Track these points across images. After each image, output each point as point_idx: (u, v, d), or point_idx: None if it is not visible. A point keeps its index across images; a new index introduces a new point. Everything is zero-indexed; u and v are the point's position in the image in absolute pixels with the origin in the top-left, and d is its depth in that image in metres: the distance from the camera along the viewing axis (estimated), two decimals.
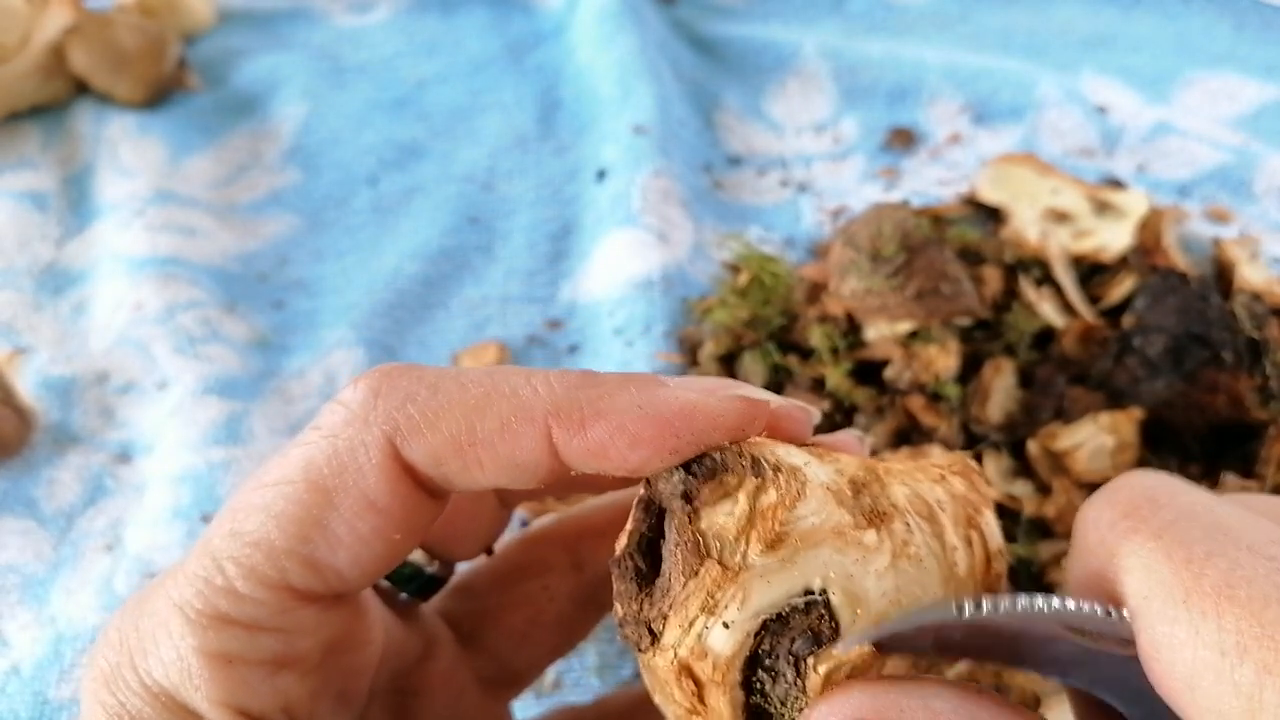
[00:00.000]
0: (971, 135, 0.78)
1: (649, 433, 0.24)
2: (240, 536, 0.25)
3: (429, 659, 0.33)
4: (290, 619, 0.26)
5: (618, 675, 0.49)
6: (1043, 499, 0.52)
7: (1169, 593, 0.21)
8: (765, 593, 0.24)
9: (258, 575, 0.25)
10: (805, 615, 0.24)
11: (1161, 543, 0.22)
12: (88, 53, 0.81)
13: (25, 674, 0.50)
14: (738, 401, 0.25)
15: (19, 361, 0.65)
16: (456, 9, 0.95)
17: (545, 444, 0.25)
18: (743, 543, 0.24)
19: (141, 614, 0.27)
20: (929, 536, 0.26)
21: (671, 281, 0.65)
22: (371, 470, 0.25)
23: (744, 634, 0.24)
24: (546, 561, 0.34)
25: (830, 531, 0.25)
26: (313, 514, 0.25)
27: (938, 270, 0.56)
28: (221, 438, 0.58)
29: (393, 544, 0.26)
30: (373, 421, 0.25)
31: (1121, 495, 0.24)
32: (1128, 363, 0.54)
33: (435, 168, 0.79)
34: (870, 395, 0.56)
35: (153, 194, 0.75)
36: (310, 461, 0.25)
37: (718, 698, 0.25)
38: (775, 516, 0.24)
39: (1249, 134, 0.75)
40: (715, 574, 0.24)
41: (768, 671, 0.24)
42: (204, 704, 0.25)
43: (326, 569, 0.26)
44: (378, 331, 0.66)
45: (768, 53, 0.86)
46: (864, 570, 0.24)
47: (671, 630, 0.24)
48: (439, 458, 0.25)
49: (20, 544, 0.56)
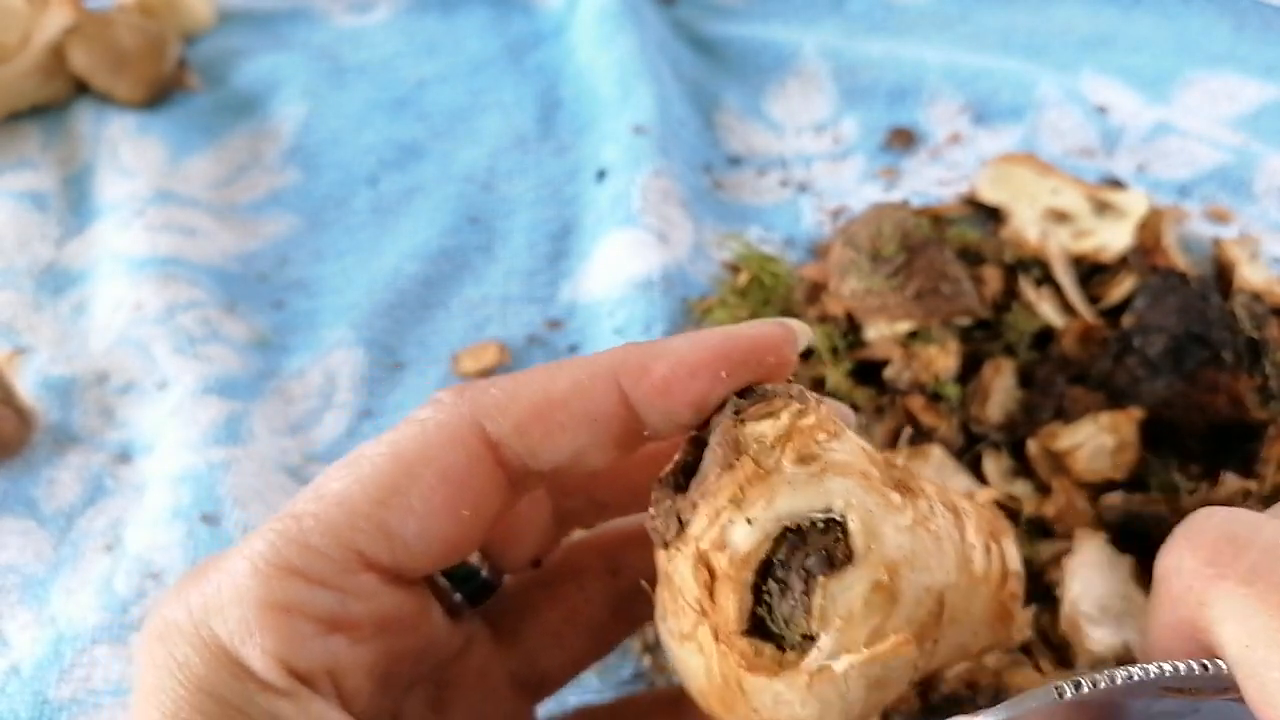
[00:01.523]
0: (971, 135, 0.78)
1: (703, 358, 0.28)
2: (323, 496, 0.27)
3: (466, 655, 0.33)
4: (352, 580, 0.27)
5: (617, 675, 0.49)
6: (1043, 499, 0.52)
7: (1272, 639, 0.21)
8: (790, 499, 0.26)
9: (333, 531, 0.27)
10: (822, 534, 0.25)
11: (1255, 589, 0.22)
12: (88, 53, 0.81)
13: (25, 674, 0.50)
14: (773, 324, 0.29)
15: (19, 361, 0.65)
16: (456, 9, 0.95)
17: (616, 393, 0.28)
18: (778, 450, 0.26)
19: (209, 568, 0.28)
20: (950, 525, 0.27)
21: (671, 281, 0.65)
22: (453, 445, 0.27)
23: (763, 534, 0.26)
24: (584, 565, 0.35)
25: (858, 471, 0.26)
26: (392, 480, 0.27)
27: (938, 270, 0.56)
28: (221, 438, 0.58)
29: (460, 521, 0.28)
30: (459, 404, 0.28)
31: (1200, 539, 0.24)
32: (1128, 363, 0.54)
33: (435, 168, 0.79)
34: (870, 395, 0.56)
35: (153, 194, 0.75)
36: (397, 439, 0.28)
37: (727, 595, 0.26)
38: (812, 435, 0.26)
39: (1249, 134, 0.75)
40: (749, 470, 0.26)
41: (779, 583, 0.26)
42: (256, 654, 0.26)
43: (395, 539, 0.27)
44: (378, 331, 0.66)
45: (768, 53, 0.86)
46: (884, 515, 0.26)
47: (699, 520, 0.26)
48: (522, 426, 0.28)
49: (20, 544, 0.56)
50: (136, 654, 0.28)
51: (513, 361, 0.64)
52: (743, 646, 0.26)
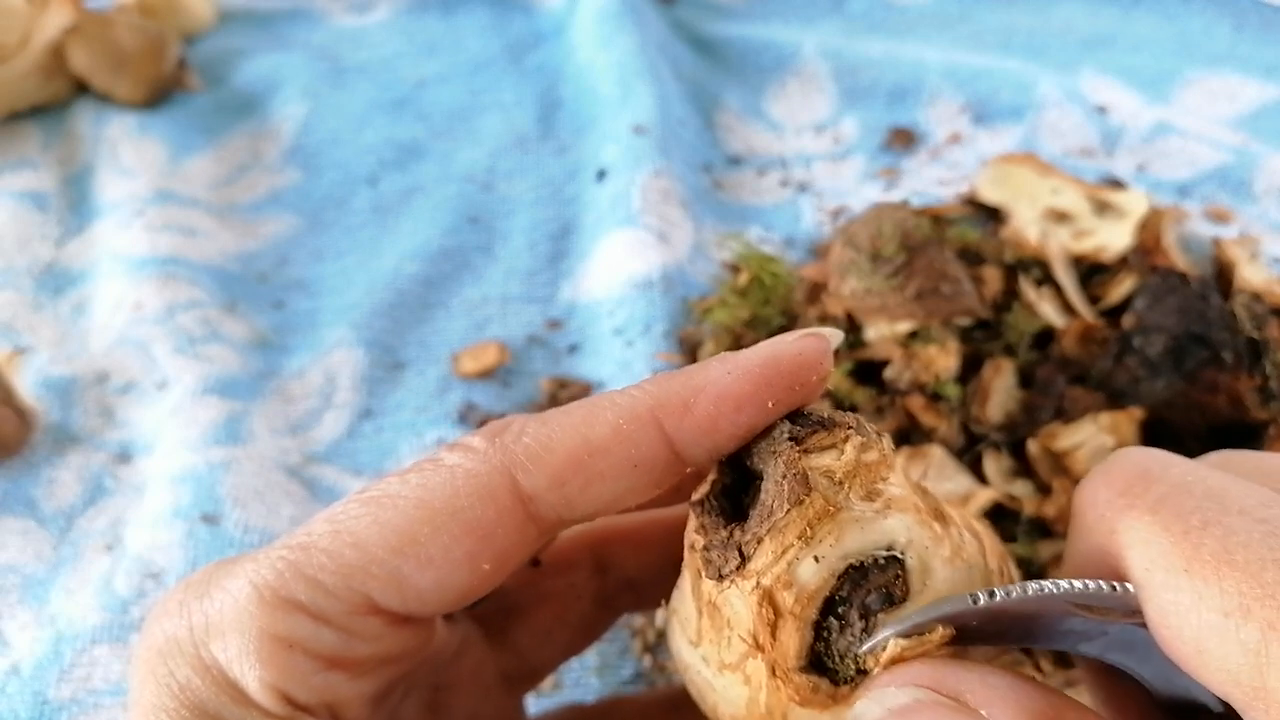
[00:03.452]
0: (971, 135, 0.78)
1: (748, 389, 0.26)
2: (340, 534, 0.26)
3: (461, 656, 0.33)
4: (358, 623, 0.26)
5: (618, 675, 0.49)
6: (1043, 499, 0.52)
7: (1170, 563, 0.22)
8: (857, 537, 0.25)
9: (344, 573, 0.26)
10: (882, 572, 0.25)
11: (1158, 516, 0.23)
12: (88, 53, 0.81)
13: (25, 674, 0.50)
14: (809, 338, 0.27)
15: (19, 361, 0.65)
16: (456, 9, 0.95)
17: (658, 436, 0.26)
18: (846, 487, 0.26)
19: (211, 586, 0.27)
20: (975, 552, 0.27)
21: (671, 281, 0.65)
22: (481, 499, 0.26)
23: (830, 572, 0.25)
24: (573, 562, 0.35)
25: (912, 506, 0.26)
26: (413, 529, 0.26)
27: (938, 270, 0.56)
28: (221, 438, 0.58)
29: (480, 575, 0.27)
30: (491, 454, 0.27)
31: (1115, 473, 0.25)
32: (1128, 363, 0.54)
33: (435, 168, 0.79)
34: (870, 395, 0.56)
35: (153, 194, 0.75)
36: (424, 484, 0.26)
37: (789, 633, 0.25)
38: (877, 472, 0.26)
39: (1249, 134, 0.75)
40: (819, 506, 0.25)
41: (839, 620, 0.25)
42: (255, 683, 0.26)
43: (409, 589, 0.26)
44: (378, 331, 0.66)
45: (768, 53, 0.86)
46: (935, 550, 0.26)
47: (762, 556, 0.26)
48: (560, 478, 0.26)
49: (20, 544, 0.56)
50: (134, 663, 0.28)
51: (512, 361, 0.64)
52: (800, 682, 0.25)
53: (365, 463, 0.59)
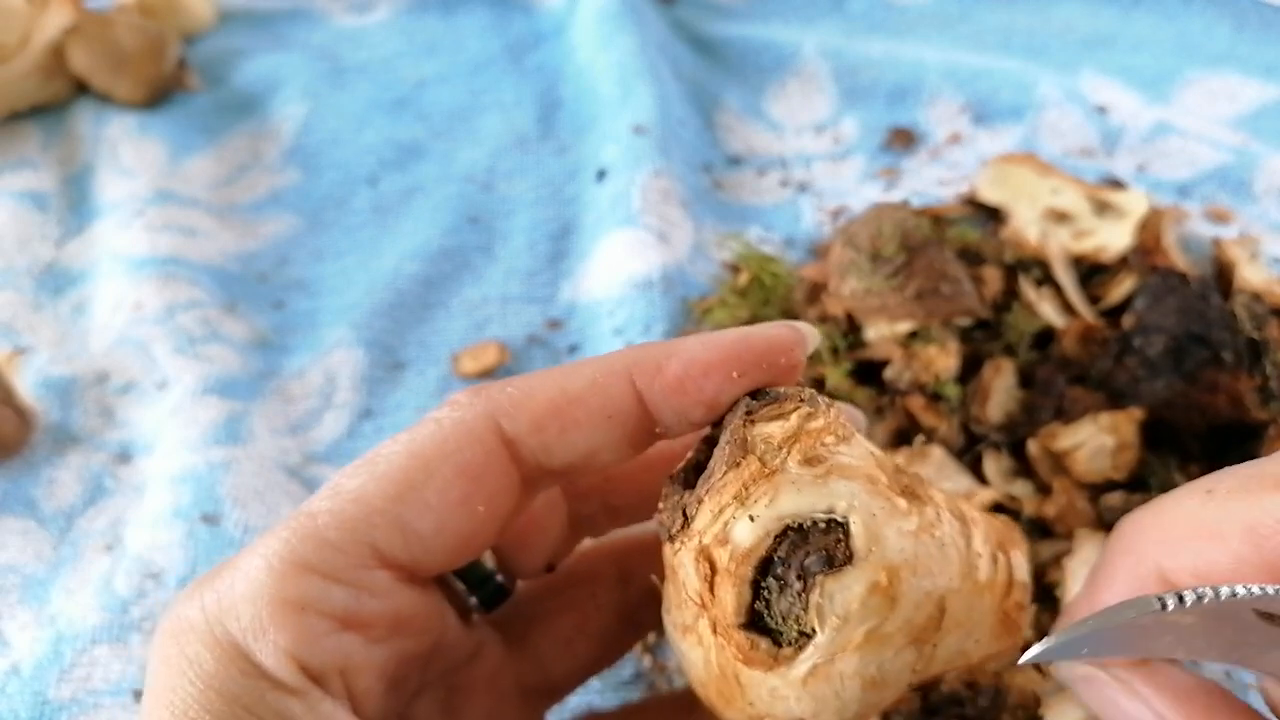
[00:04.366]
0: (971, 135, 0.78)
1: (716, 358, 0.28)
2: (340, 493, 0.28)
3: (478, 659, 0.33)
4: (367, 577, 0.27)
5: (618, 675, 0.49)
6: (1043, 499, 0.52)
7: None
8: (793, 498, 0.26)
9: (349, 526, 0.27)
10: (824, 535, 0.26)
11: None
12: (88, 53, 0.81)
13: (25, 674, 0.50)
14: (783, 327, 0.29)
15: (19, 361, 0.65)
16: (456, 9, 0.95)
17: (631, 391, 0.28)
18: (784, 451, 0.26)
19: (224, 569, 0.28)
20: (955, 533, 0.27)
21: (671, 281, 0.65)
22: (469, 442, 0.28)
23: (765, 532, 0.26)
24: (596, 572, 0.35)
25: (864, 475, 0.26)
26: (408, 475, 0.27)
27: (938, 270, 0.56)
28: (221, 438, 0.58)
29: (475, 517, 0.28)
30: (475, 404, 0.28)
31: None
32: (1128, 363, 0.54)
33: (435, 168, 0.79)
34: (870, 395, 0.56)
35: (153, 194, 0.75)
36: (414, 437, 0.28)
37: (726, 589, 0.26)
38: (818, 438, 0.27)
39: (1249, 134, 0.75)
40: (754, 469, 0.26)
41: (778, 580, 0.26)
42: (269, 651, 0.26)
43: (411, 535, 0.27)
44: (378, 331, 0.66)
45: (768, 53, 0.86)
46: (887, 519, 0.26)
47: (703, 515, 0.27)
48: (539, 423, 0.28)
49: (20, 544, 0.56)
50: (149, 652, 0.28)
51: (512, 361, 0.64)
52: (739, 639, 0.26)
53: None
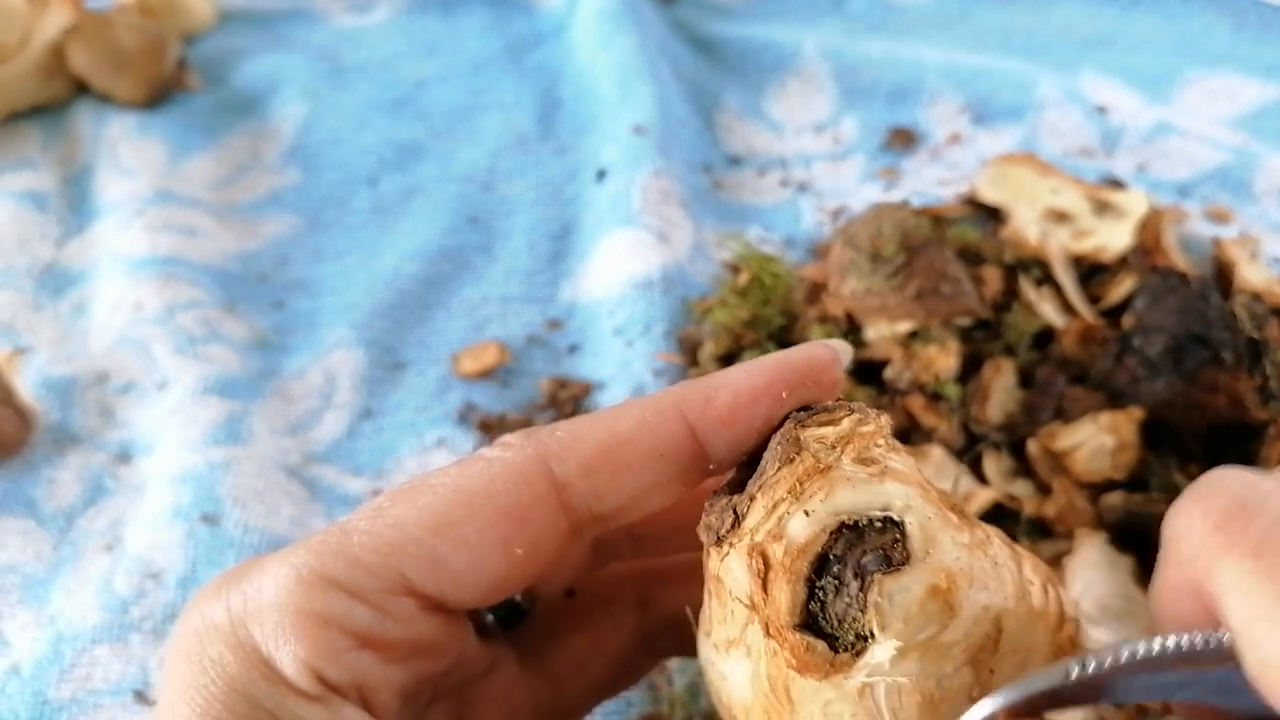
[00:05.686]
0: (971, 135, 0.78)
1: (763, 383, 0.28)
2: (380, 515, 0.28)
3: (492, 676, 0.33)
4: (392, 602, 0.27)
5: None
6: (1043, 499, 0.52)
7: (1274, 615, 0.21)
8: (849, 494, 0.25)
9: (382, 550, 0.27)
10: (880, 534, 0.25)
11: (1261, 562, 0.22)
12: (88, 53, 0.81)
13: (25, 674, 0.50)
14: (820, 346, 0.30)
15: (19, 361, 0.65)
16: (456, 9, 0.95)
17: (682, 427, 0.28)
18: (838, 450, 0.26)
19: (251, 571, 0.28)
20: (1007, 557, 0.27)
21: (671, 281, 0.65)
22: (517, 483, 0.28)
23: (821, 527, 0.25)
24: (616, 595, 0.35)
25: (917, 482, 0.26)
26: (450, 510, 0.27)
27: (938, 270, 0.56)
28: (221, 438, 0.58)
29: (512, 559, 0.28)
30: (526, 446, 0.28)
31: (1210, 501, 0.24)
32: (1128, 363, 0.54)
33: (435, 168, 0.79)
34: (870, 395, 0.56)
35: (153, 194, 0.75)
36: (462, 472, 0.28)
37: (780, 587, 0.25)
38: (871, 440, 0.27)
39: (1249, 134, 0.75)
40: (808, 464, 0.26)
41: (833, 579, 0.25)
42: (288, 659, 0.26)
43: (443, 570, 0.27)
44: (378, 331, 0.66)
45: (768, 53, 0.86)
46: (942, 526, 0.25)
47: (755, 512, 0.26)
48: (590, 465, 0.28)
49: (20, 544, 0.56)
50: (169, 649, 0.28)
51: (512, 361, 0.64)
52: (794, 641, 0.25)
53: (365, 463, 0.59)
